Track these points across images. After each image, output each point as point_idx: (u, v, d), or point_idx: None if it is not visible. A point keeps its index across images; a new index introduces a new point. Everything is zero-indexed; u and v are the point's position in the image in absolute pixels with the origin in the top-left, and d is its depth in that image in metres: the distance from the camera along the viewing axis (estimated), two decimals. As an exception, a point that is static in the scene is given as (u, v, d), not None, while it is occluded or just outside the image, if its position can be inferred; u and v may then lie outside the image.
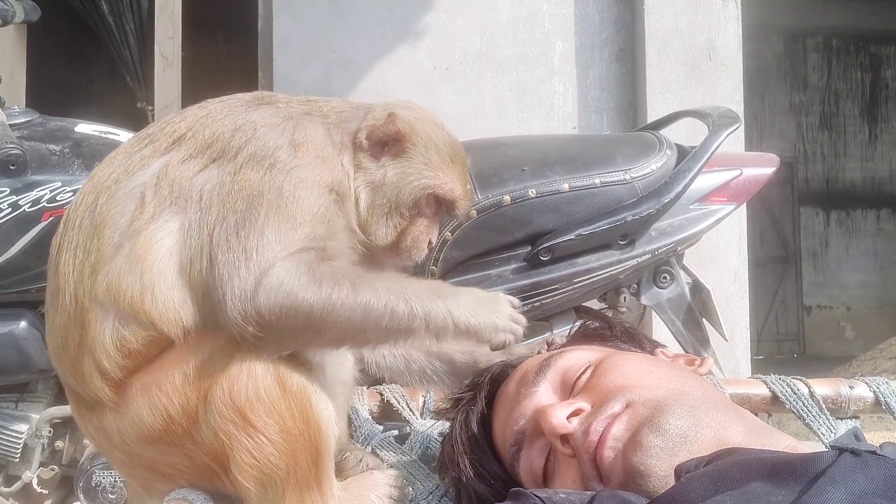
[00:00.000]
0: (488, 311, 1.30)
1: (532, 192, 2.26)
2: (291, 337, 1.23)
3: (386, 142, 1.42)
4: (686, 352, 2.38)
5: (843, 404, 1.55)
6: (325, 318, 1.21)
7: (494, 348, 1.33)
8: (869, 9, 10.59)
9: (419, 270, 1.85)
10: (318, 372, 1.29)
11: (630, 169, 2.31)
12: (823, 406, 1.53)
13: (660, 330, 2.73)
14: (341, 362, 1.45)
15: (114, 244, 1.25)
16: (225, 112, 1.36)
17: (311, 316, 1.20)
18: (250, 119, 1.34)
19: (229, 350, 1.22)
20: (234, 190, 1.24)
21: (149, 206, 1.25)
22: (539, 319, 2.38)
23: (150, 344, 1.24)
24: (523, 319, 1.36)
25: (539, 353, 1.35)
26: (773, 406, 1.57)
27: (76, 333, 1.27)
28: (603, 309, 2.55)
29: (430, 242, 1.48)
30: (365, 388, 1.65)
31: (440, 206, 1.48)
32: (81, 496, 2.60)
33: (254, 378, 1.20)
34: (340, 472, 1.40)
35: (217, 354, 1.22)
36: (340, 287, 1.21)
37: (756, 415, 1.37)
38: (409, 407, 1.63)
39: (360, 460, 1.44)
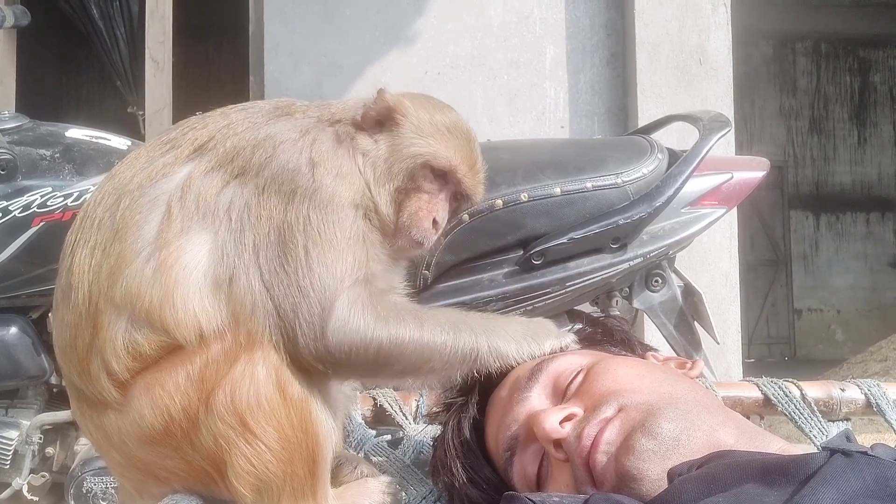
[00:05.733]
0: (539, 331, 1.34)
1: (524, 196, 2.26)
2: (359, 371, 1.29)
3: (381, 121, 1.41)
4: (678, 355, 2.39)
5: (835, 406, 1.56)
6: (393, 353, 1.25)
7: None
8: (857, 13, 10.66)
9: (412, 275, 1.84)
10: (320, 382, 1.30)
11: (622, 173, 2.31)
12: (815, 408, 1.54)
13: (651, 333, 2.74)
14: None
15: (136, 250, 1.26)
16: (245, 124, 1.37)
17: (381, 352, 1.25)
18: (270, 134, 1.34)
19: (233, 354, 1.22)
20: (263, 216, 1.27)
21: (176, 219, 1.27)
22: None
23: (160, 349, 1.25)
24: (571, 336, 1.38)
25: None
26: (764, 409, 1.57)
27: (86, 333, 1.27)
28: (595, 313, 2.55)
29: (434, 221, 1.40)
30: (358, 392, 1.65)
31: (438, 178, 1.42)
32: (72, 503, 2.58)
33: (255, 385, 1.21)
34: (336, 479, 1.39)
35: (222, 358, 1.22)
36: (406, 323, 1.26)
37: (748, 417, 1.38)
38: (402, 411, 1.63)
39: (355, 468, 1.44)
